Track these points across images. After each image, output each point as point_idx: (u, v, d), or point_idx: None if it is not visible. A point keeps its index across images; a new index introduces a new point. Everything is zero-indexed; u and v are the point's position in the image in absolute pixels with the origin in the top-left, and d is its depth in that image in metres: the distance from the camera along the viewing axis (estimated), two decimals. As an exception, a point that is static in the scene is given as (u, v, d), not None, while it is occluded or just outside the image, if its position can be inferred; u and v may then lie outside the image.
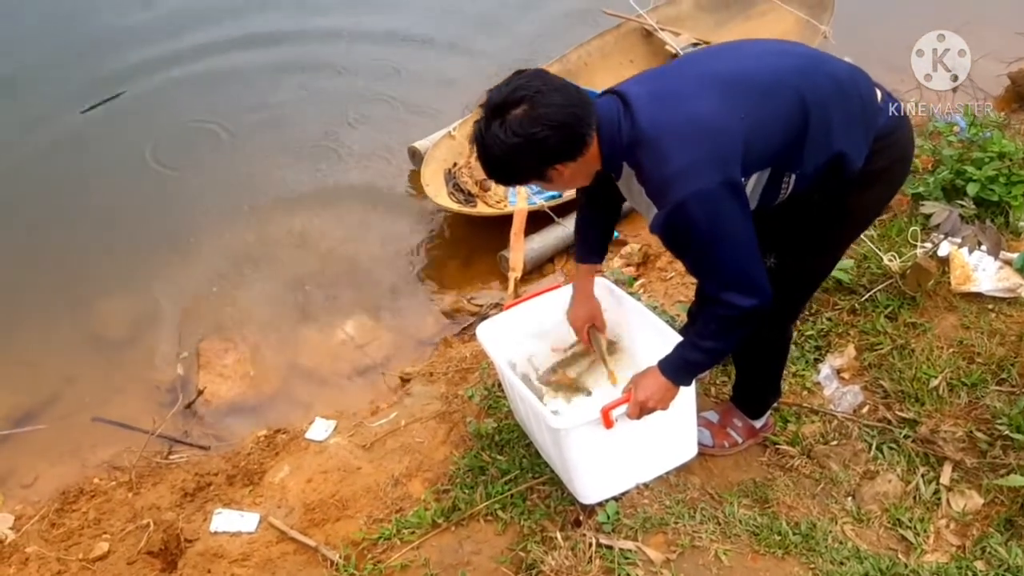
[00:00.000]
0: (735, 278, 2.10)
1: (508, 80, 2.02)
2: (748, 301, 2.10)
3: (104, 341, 4.26)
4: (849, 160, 2.12)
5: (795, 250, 2.33)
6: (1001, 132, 3.82)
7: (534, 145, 1.97)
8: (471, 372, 3.57)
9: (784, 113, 2.04)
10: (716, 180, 1.96)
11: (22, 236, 4.87)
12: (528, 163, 2.03)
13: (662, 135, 2.00)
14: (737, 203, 2.02)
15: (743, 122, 2.00)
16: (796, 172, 2.13)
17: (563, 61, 5.48)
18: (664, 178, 2.00)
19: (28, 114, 5.72)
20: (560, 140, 1.99)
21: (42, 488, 3.55)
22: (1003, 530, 2.52)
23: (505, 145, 1.98)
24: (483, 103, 2.04)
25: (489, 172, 2.10)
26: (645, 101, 2.04)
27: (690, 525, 2.55)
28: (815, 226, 2.30)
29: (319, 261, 4.74)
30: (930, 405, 2.89)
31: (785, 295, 2.34)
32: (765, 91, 2.05)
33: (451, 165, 4.97)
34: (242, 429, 3.79)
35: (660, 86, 2.12)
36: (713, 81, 2.06)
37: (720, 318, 2.17)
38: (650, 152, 2.01)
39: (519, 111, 1.96)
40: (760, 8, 5.90)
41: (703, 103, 2.02)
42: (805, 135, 2.05)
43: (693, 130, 1.99)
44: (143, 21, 6.55)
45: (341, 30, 6.48)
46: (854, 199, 2.24)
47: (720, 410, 2.91)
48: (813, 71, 2.11)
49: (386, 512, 2.95)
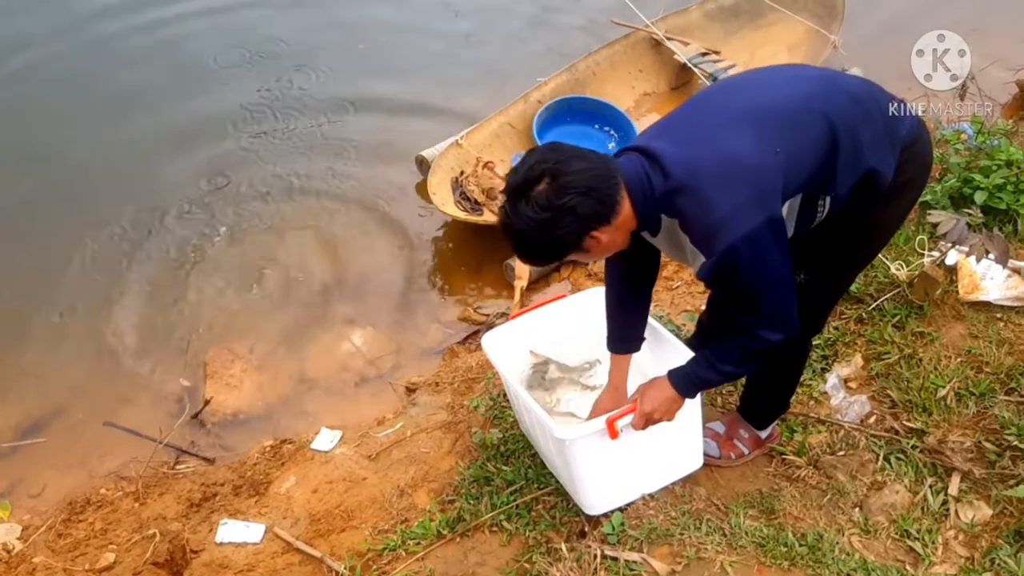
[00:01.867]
0: (772, 315, 2.10)
1: (522, 161, 2.00)
2: (778, 336, 2.10)
3: (111, 352, 4.26)
4: (880, 175, 2.10)
5: (826, 267, 2.33)
6: (1009, 140, 3.80)
7: (565, 215, 1.93)
8: (477, 382, 3.57)
9: (814, 140, 2.02)
10: (759, 219, 1.94)
11: (29, 248, 4.88)
12: (563, 236, 1.96)
13: (701, 179, 1.96)
14: (778, 240, 2.00)
15: (779, 156, 1.97)
16: (831, 195, 2.12)
17: (572, 70, 5.49)
18: (711, 224, 1.96)
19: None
20: (591, 205, 1.94)
21: (49, 498, 3.56)
22: (1012, 541, 2.50)
23: (536, 222, 1.93)
24: (504, 190, 2.01)
25: (525, 254, 2.06)
26: (673, 149, 2.01)
27: (696, 536, 2.53)
28: (846, 243, 2.29)
29: (325, 270, 4.75)
30: (938, 415, 2.88)
31: (811, 310, 2.34)
32: (794, 121, 2.02)
33: (458, 174, 4.97)
34: (248, 439, 3.80)
35: (683, 131, 2.09)
36: (740, 117, 2.03)
37: (746, 348, 2.16)
38: (692, 198, 1.96)
39: (542, 187, 1.93)
40: (769, 18, 5.91)
41: (736, 141, 1.98)
42: (836, 158, 2.04)
43: (732, 171, 1.95)
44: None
45: (353, 39, 6.51)
46: (881, 212, 2.23)
47: (726, 421, 2.90)
48: (833, 93, 2.09)
49: (391, 523, 2.94)
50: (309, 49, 6.40)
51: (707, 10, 6.00)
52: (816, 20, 5.70)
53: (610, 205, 1.96)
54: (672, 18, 5.87)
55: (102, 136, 5.63)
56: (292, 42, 6.46)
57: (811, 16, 5.75)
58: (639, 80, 5.80)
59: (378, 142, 5.59)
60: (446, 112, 5.73)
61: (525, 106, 5.25)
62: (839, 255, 2.33)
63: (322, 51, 6.39)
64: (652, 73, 5.81)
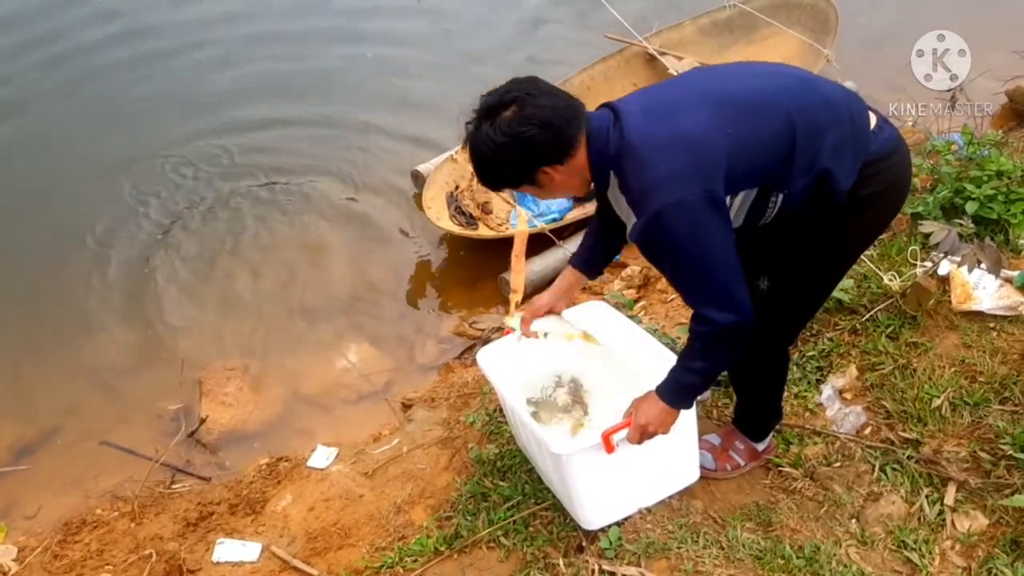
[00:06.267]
0: (712, 292, 2.10)
1: (502, 85, 2.07)
2: (725, 317, 2.10)
3: (106, 371, 4.27)
4: (835, 179, 2.11)
5: (787, 273, 2.33)
6: (999, 150, 3.82)
7: (521, 144, 2.01)
8: (473, 397, 3.57)
9: (770, 131, 2.05)
10: (696, 192, 1.97)
11: (24, 270, 4.88)
12: (516, 163, 2.06)
13: (647, 144, 2.02)
14: (717, 217, 2.02)
15: (728, 138, 2.01)
16: (783, 192, 2.13)
17: (566, 85, 5.49)
18: (643, 186, 2.02)
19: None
20: (547, 139, 2.02)
21: (45, 519, 3.54)
22: (1009, 551, 2.49)
23: (494, 144, 2.02)
24: (477, 107, 2.08)
25: (479, 173, 2.14)
26: (636, 114, 2.07)
27: (693, 550, 2.53)
28: (807, 250, 2.29)
29: (320, 286, 4.76)
30: (933, 425, 2.88)
31: (777, 318, 2.35)
32: (752, 110, 2.06)
33: (453, 188, 4.99)
34: (244, 457, 3.79)
35: (653, 100, 2.15)
36: (704, 97, 2.08)
37: (701, 335, 2.17)
38: (633, 159, 2.03)
39: (509, 112, 2.01)
40: (763, 32, 5.93)
41: (691, 117, 2.04)
42: (792, 155, 2.06)
43: (677, 141, 2.01)
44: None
45: (351, 53, 6.55)
46: (845, 224, 2.23)
47: (722, 433, 2.90)
48: (805, 93, 2.12)
49: (388, 540, 2.94)
50: (309, 61, 6.47)
51: (701, 25, 6.03)
52: (809, 34, 5.73)
53: (565, 145, 2.04)
54: (666, 33, 5.91)
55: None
56: (291, 56, 6.54)
57: (804, 30, 5.77)
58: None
59: (374, 156, 5.61)
60: (439, 128, 5.74)
61: (519, 121, 5.25)
62: (798, 262, 2.32)
63: (321, 63, 6.44)
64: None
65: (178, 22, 6.96)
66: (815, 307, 2.56)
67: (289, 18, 7.04)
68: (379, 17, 6.96)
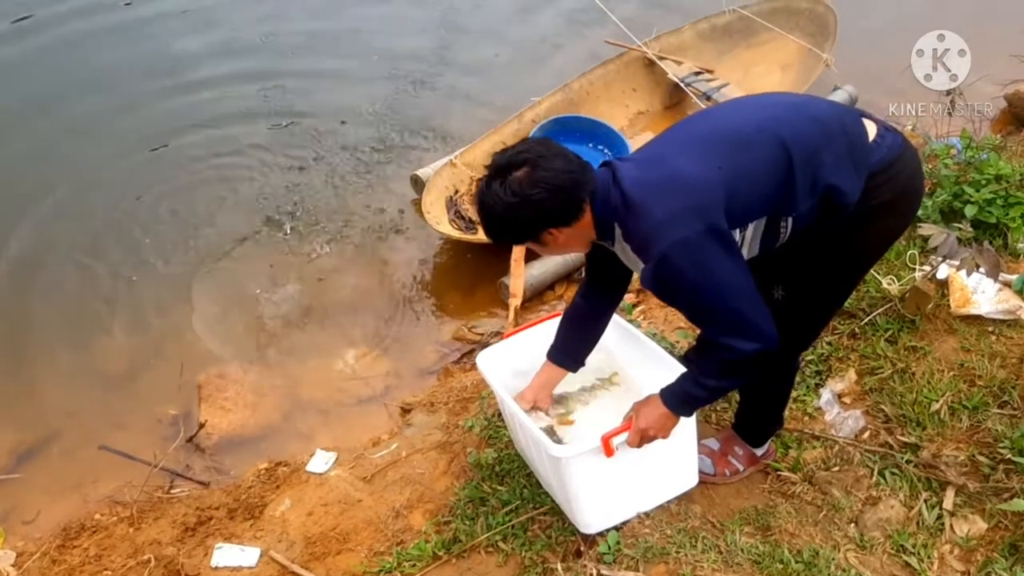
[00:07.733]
0: (732, 324, 2.11)
1: (515, 144, 2.14)
2: (750, 345, 2.11)
3: (105, 376, 4.26)
4: (841, 193, 2.12)
5: (802, 283, 2.34)
6: (998, 154, 3.82)
7: (530, 206, 2.06)
8: (472, 401, 3.56)
9: (764, 158, 2.07)
10: (697, 228, 2.00)
11: (24, 273, 4.88)
12: (524, 223, 2.12)
13: (644, 192, 2.07)
14: (723, 249, 2.04)
15: (721, 172, 2.04)
16: (792, 215, 2.15)
17: (566, 90, 5.52)
18: (645, 232, 2.06)
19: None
20: (556, 203, 2.07)
21: (43, 524, 3.53)
22: (1008, 555, 2.49)
23: (504, 203, 2.07)
24: (489, 164, 2.14)
25: (487, 229, 2.20)
26: (631, 168, 2.13)
27: (692, 554, 2.53)
28: (822, 260, 2.30)
29: (319, 290, 4.75)
30: (932, 429, 2.88)
31: (793, 326, 2.34)
32: (743, 142, 2.09)
33: (453, 192, 5.00)
34: (243, 462, 3.78)
35: (645, 152, 2.23)
36: (691, 140, 2.16)
37: (720, 361, 2.18)
38: (632, 209, 2.07)
39: (520, 173, 2.07)
40: (762, 37, 5.94)
41: (680, 159, 2.10)
42: (792, 179, 2.07)
43: (669, 182, 2.06)
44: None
45: (348, 64, 6.56)
46: (859, 234, 2.24)
47: (721, 438, 2.90)
48: (794, 117, 2.14)
49: (387, 544, 2.94)
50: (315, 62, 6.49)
51: (700, 30, 6.05)
52: (809, 39, 5.74)
53: (573, 209, 2.10)
54: (665, 38, 5.92)
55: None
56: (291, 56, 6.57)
57: (804, 35, 5.79)
58: (633, 99, 5.83)
59: (372, 160, 5.61)
60: (441, 131, 5.77)
61: (519, 125, 5.28)
62: (812, 272, 2.33)
63: (327, 63, 6.46)
64: (646, 92, 5.85)
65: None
66: (829, 316, 2.58)
67: (289, 19, 7.07)
68: (380, 22, 6.96)
